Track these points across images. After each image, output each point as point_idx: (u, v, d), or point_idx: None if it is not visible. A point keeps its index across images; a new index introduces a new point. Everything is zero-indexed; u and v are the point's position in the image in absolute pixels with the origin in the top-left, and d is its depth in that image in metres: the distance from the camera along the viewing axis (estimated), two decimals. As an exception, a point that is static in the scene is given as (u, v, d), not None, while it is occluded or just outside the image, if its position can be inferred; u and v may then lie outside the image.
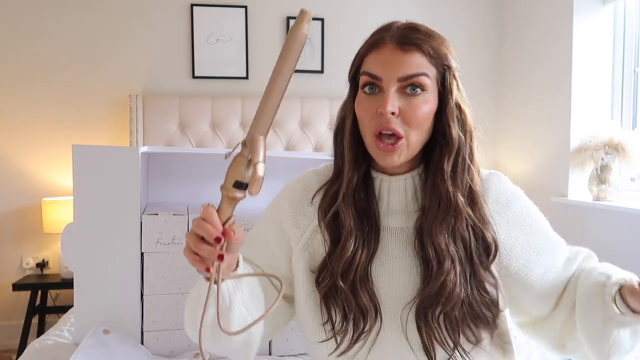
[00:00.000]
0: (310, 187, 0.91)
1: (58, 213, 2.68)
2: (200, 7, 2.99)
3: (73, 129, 2.88)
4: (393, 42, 0.79)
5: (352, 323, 0.81)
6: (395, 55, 0.78)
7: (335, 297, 0.82)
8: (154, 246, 1.33)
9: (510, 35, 3.33)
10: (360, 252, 0.82)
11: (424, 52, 0.78)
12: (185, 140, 2.89)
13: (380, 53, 0.79)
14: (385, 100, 0.77)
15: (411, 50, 0.78)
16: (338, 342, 0.83)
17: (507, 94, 3.36)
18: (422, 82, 0.78)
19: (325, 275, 0.83)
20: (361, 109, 0.81)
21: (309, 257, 0.88)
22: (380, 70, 0.79)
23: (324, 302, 0.83)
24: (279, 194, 0.95)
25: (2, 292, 2.82)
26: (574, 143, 2.77)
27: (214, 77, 3.04)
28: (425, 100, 0.79)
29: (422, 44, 0.79)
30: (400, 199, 0.86)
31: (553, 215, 3.15)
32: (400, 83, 0.78)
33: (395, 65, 0.78)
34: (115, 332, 1.27)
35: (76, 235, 1.30)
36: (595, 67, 2.80)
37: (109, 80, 2.92)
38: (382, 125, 0.78)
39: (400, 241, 0.85)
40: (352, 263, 0.81)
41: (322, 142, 3.04)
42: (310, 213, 0.89)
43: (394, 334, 0.84)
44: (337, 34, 3.14)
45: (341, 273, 0.81)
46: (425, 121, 0.80)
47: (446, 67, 0.81)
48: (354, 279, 0.81)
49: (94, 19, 2.90)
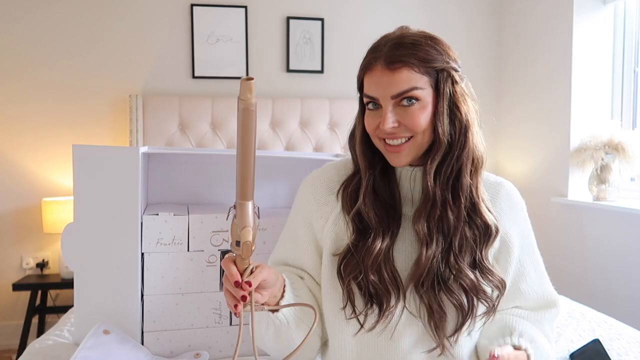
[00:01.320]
0: (331, 179, 0.99)
1: (58, 213, 2.68)
2: (200, 7, 2.99)
3: (73, 129, 2.88)
4: (381, 63, 0.85)
5: (377, 301, 0.89)
6: (385, 76, 0.85)
7: (362, 282, 0.89)
8: (154, 246, 1.33)
9: (510, 35, 3.33)
10: (385, 240, 0.90)
11: (410, 66, 0.84)
12: (185, 140, 2.89)
13: (373, 75, 0.87)
14: (384, 119, 0.85)
15: (398, 68, 0.84)
16: (362, 321, 0.90)
17: (507, 93, 3.36)
18: (414, 95, 0.85)
19: (351, 263, 0.90)
20: (367, 123, 0.90)
21: (331, 243, 0.95)
22: (375, 91, 0.87)
23: (346, 287, 0.90)
24: (301, 189, 1.03)
25: (2, 292, 2.82)
26: (574, 143, 2.77)
27: (214, 77, 3.04)
28: (422, 107, 0.86)
29: (408, 59, 0.84)
30: (417, 188, 0.94)
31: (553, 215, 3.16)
32: (394, 100, 0.85)
33: (387, 86, 0.85)
34: (115, 332, 1.27)
35: (76, 235, 1.30)
36: (595, 67, 2.80)
37: (109, 80, 2.93)
38: (387, 136, 0.87)
39: (410, 227, 0.94)
40: (378, 253, 0.89)
41: (322, 142, 3.05)
42: (331, 201, 0.97)
43: (412, 311, 0.91)
44: (337, 34, 3.14)
45: (371, 265, 0.88)
46: (425, 125, 0.86)
47: (438, 70, 0.86)
48: (379, 264, 0.89)
49: (94, 19, 2.90)
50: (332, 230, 0.95)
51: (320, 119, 3.04)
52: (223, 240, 1.39)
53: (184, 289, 1.36)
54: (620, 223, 2.50)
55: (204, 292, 1.37)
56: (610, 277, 2.52)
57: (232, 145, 2.92)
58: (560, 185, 2.88)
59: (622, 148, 2.47)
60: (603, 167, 2.58)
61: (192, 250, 1.37)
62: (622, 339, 1.53)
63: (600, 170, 2.59)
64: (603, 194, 2.59)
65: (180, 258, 1.35)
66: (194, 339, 1.38)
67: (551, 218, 2.88)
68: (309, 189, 1.01)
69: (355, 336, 0.91)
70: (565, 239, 2.80)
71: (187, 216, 1.36)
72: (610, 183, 2.58)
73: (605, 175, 2.58)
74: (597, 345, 1.38)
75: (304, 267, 1.00)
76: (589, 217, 2.69)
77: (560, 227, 2.83)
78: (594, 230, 2.65)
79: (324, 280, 0.95)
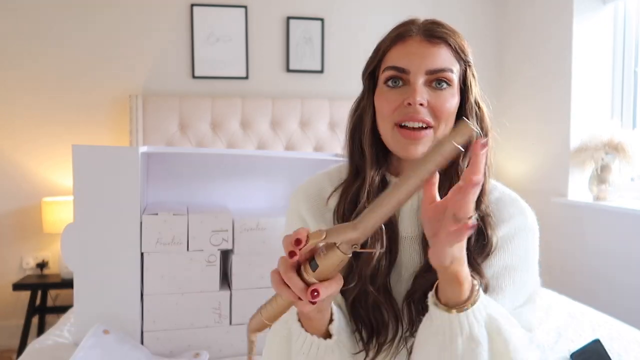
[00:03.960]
0: (324, 189, 0.88)
1: (58, 213, 2.68)
2: (200, 7, 2.99)
3: (73, 129, 2.88)
4: (420, 35, 0.78)
5: (376, 333, 0.80)
6: (423, 46, 0.77)
7: (362, 302, 0.80)
8: (154, 246, 1.33)
9: (509, 35, 3.33)
10: (382, 260, 0.79)
11: (451, 46, 0.78)
12: (185, 140, 2.89)
13: (407, 45, 0.78)
14: (414, 91, 0.75)
15: (439, 43, 0.77)
16: (367, 352, 0.80)
17: (506, 93, 3.36)
18: (448, 77, 0.77)
19: (352, 278, 0.79)
20: (383, 100, 0.78)
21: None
22: (407, 62, 0.76)
23: (351, 309, 0.80)
24: (293, 201, 0.91)
25: (2, 292, 2.82)
26: (574, 143, 2.77)
27: (214, 77, 3.04)
28: (452, 94, 0.78)
29: (449, 38, 0.78)
30: (413, 205, 0.83)
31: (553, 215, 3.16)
32: (427, 76, 0.76)
33: (424, 58, 0.76)
34: (115, 332, 1.27)
35: (76, 235, 1.30)
36: (595, 67, 2.80)
37: (109, 80, 2.92)
38: (410, 115, 0.75)
39: (409, 249, 0.83)
40: (378, 269, 0.79)
41: (322, 142, 3.05)
42: (329, 217, 0.86)
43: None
44: (337, 34, 3.14)
45: (370, 277, 0.79)
46: (451, 115, 0.78)
47: (467, 63, 0.80)
48: (374, 292, 0.79)
49: (94, 19, 2.90)
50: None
51: (320, 119, 3.04)
52: (222, 240, 1.39)
53: (184, 288, 1.36)
54: (620, 223, 2.50)
55: (203, 291, 1.37)
56: (611, 277, 2.52)
57: (231, 145, 2.92)
58: (560, 185, 2.88)
59: (622, 148, 2.47)
60: (603, 167, 2.58)
61: (192, 250, 1.37)
62: (622, 339, 1.53)
63: (601, 170, 2.59)
64: (603, 194, 2.59)
65: (180, 258, 1.35)
66: (194, 338, 1.38)
67: (551, 218, 2.88)
68: (302, 204, 0.88)
69: None
70: (565, 239, 2.80)
71: (186, 216, 1.36)
72: (610, 183, 2.58)
73: (605, 175, 2.58)
74: (598, 345, 1.38)
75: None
76: (589, 217, 2.69)
77: (560, 227, 2.83)
78: (594, 230, 2.65)
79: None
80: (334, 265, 0.61)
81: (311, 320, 0.72)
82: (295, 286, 0.61)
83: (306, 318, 0.73)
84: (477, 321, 0.66)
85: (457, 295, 0.65)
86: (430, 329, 0.69)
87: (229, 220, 1.40)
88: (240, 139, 2.93)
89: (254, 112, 2.93)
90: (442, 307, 0.66)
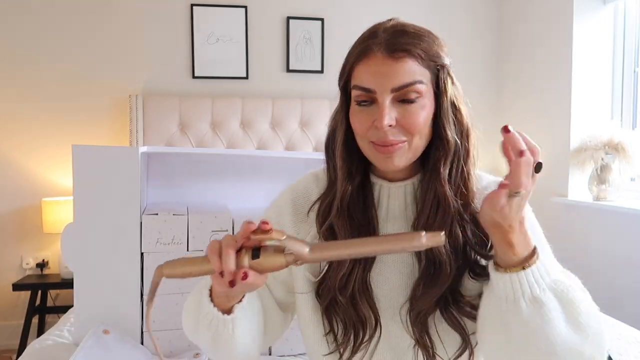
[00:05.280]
0: (311, 192, 0.89)
1: (58, 213, 2.68)
2: (200, 7, 2.99)
3: (73, 129, 2.88)
4: (382, 51, 0.74)
5: (352, 333, 0.81)
6: (386, 64, 0.74)
7: (336, 309, 0.82)
8: (154, 246, 1.33)
9: (509, 35, 3.33)
10: (357, 264, 0.80)
11: (415, 56, 0.74)
12: (185, 140, 2.89)
13: (370, 64, 0.75)
14: (381, 114, 0.74)
15: (402, 57, 0.74)
16: (341, 352, 0.82)
17: (506, 93, 3.36)
18: (416, 89, 0.74)
19: (324, 288, 0.82)
20: (356, 121, 0.79)
21: (309, 265, 0.85)
22: (372, 82, 0.75)
23: (325, 315, 0.83)
24: (281, 196, 0.92)
25: (2, 292, 2.82)
26: (574, 143, 2.77)
27: (214, 77, 3.04)
28: (422, 106, 0.76)
29: (412, 48, 0.74)
30: (400, 205, 0.84)
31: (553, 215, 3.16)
32: (394, 94, 0.74)
33: (387, 76, 0.74)
34: (115, 332, 1.27)
35: (76, 235, 1.30)
36: (595, 67, 2.80)
37: (109, 80, 2.92)
38: (381, 139, 0.76)
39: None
40: (350, 275, 0.80)
41: (322, 142, 3.02)
42: (310, 220, 0.86)
43: (392, 338, 0.83)
44: (337, 34, 3.14)
45: (339, 287, 0.80)
46: (424, 127, 0.77)
47: (439, 66, 0.77)
48: (352, 290, 0.80)
49: (94, 19, 2.90)
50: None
51: (320, 119, 3.04)
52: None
53: (184, 288, 1.36)
54: (621, 223, 2.50)
55: (203, 292, 1.37)
56: (611, 277, 2.52)
57: (232, 145, 2.92)
58: (560, 185, 2.88)
59: (622, 148, 2.47)
60: (603, 167, 2.58)
61: (192, 250, 1.37)
62: (622, 339, 1.53)
63: (600, 170, 2.59)
64: (603, 194, 2.59)
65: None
66: (194, 339, 1.38)
67: (551, 218, 2.88)
68: (288, 201, 0.89)
69: None
70: (566, 239, 2.80)
71: (186, 216, 1.36)
72: (610, 183, 2.58)
73: (605, 175, 2.58)
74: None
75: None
76: (589, 217, 2.69)
77: (560, 227, 2.83)
78: (594, 230, 2.65)
79: (304, 309, 0.86)
80: (272, 266, 0.64)
81: (218, 297, 0.74)
82: (228, 263, 0.63)
83: (215, 294, 0.75)
84: (537, 283, 0.69)
85: (511, 258, 0.69)
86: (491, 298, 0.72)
87: (229, 220, 1.40)
88: (240, 139, 2.93)
89: (254, 112, 2.93)
90: (500, 270, 0.70)
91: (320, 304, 0.83)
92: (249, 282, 0.63)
